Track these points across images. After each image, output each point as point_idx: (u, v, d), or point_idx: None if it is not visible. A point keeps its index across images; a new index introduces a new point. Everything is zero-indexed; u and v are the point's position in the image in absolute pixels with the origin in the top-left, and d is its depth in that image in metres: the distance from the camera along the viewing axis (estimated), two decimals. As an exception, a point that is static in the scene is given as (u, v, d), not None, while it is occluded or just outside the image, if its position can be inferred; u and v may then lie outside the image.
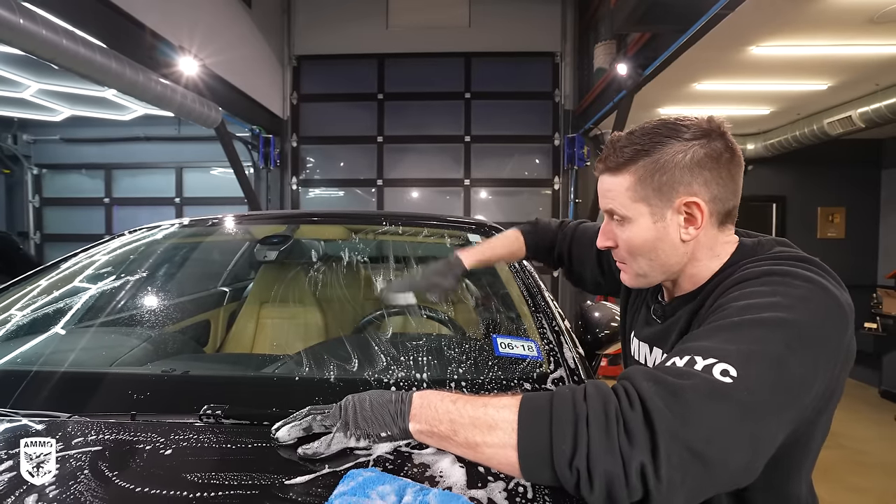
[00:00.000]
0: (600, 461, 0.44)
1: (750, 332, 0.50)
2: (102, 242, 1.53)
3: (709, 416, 0.45)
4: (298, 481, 0.52)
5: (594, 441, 0.45)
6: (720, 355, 0.48)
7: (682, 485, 0.44)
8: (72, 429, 0.63)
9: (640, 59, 3.56)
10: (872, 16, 2.64)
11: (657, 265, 0.66)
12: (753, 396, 0.46)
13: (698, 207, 0.62)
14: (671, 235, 0.64)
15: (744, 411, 0.46)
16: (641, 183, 0.63)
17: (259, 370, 0.85)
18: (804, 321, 0.51)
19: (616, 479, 0.44)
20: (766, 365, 0.48)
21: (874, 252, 5.46)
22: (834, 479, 2.80)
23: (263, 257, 1.43)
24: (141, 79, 3.16)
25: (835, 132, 4.23)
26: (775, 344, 0.49)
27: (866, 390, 4.40)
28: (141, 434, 0.62)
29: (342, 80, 5.55)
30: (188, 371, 0.81)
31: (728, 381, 0.46)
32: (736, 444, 0.46)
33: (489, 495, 0.51)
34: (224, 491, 0.50)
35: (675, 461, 0.43)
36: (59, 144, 5.75)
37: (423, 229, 1.51)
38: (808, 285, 0.54)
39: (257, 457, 0.58)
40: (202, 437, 0.61)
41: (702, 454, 0.44)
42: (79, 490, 0.50)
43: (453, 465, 0.55)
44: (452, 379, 0.78)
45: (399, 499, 0.46)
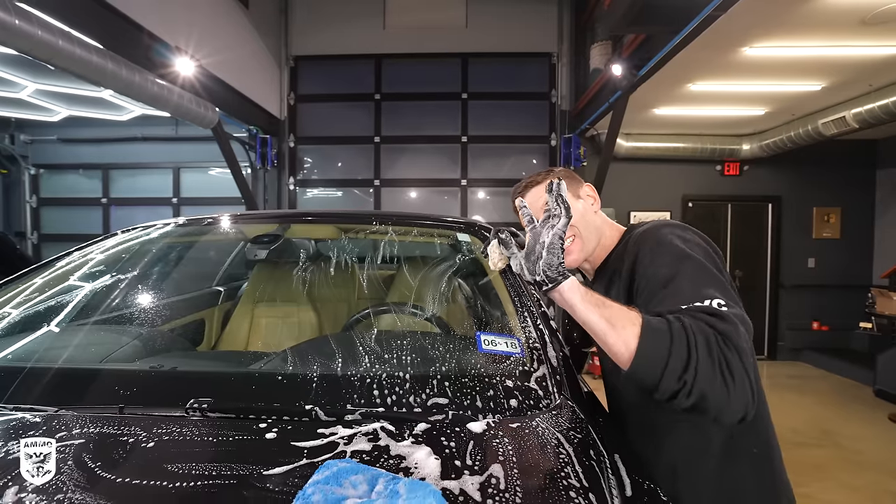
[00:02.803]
0: (702, 382, 0.61)
1: (697, 272, 0.73)
2: (95, 242, 1.54)
3: (748, 338, 0.67)
4: (277, 472, 0.53)
5: (702, 367, 0.61)
6: (708, 295, 0.69)
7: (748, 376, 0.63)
8: (58, 422, 0.64)
9: (634, 60, 3.58)
10: (864, 17, 2.66)
11: (591, 228, 0.93)
12: (735, 306, 0.69)
13: (593, 189, 1.00)
14: (589, 208, 0.96)
15: (746, 321, 0.69)
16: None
17: (245, 367, 0.87)
18: (699, 252, 0.77)
19: (710, 399, 0.61)
20: (720, 285, 0.72)
21: (869, 252, 5.48)
22: (828, 477, 2.82)
23: (254, 256, 1.44)
24: (137, 79, 3.18)
25: (829, 133, 4.25)
26: (709, 270, 0.74)
27: (861, 389, 4.42)
28: (127, 427, 0.63)
29: (339, 80, 5.56)
30: (176, 367, 0.83)
31: (732, 309, 0.68)
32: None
33: (462, 486, 0.52)
34: (204, 481, 0.52)
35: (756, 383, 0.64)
36: (57, 144, 5.76)
37: (414, 229, 1.53)
38: (679, 230, 0.83)
39: (239, 449, 0.59)
40: (186, 430, 0.63)
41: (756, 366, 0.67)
42: (62, 480, 0.51)
43: (428, 457, 0.56)
44: (436, 374, 0.79)
45: (371, 487, 0.47)
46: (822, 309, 5.45)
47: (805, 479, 2.79)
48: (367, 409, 0.69)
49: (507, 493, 0.52)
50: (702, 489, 0.77)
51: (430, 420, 0.67)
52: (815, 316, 5.47)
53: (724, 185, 5.53)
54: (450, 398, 0.74)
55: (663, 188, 5.50)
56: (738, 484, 0.78)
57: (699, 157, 5.35)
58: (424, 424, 0.66)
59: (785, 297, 5.52)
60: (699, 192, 5.53)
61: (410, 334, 0.91)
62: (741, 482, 0.78)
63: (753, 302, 5.57)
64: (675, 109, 4.47)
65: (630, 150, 5.29)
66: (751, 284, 5.57)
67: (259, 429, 0.63)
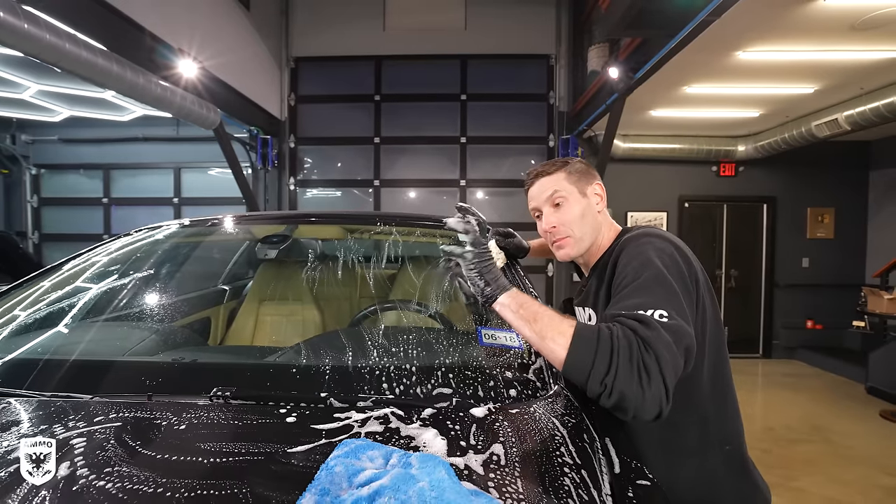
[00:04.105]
0: (621, 384, 0.67)
1: (653, 284, 0.78)
2: (107, 242, 1.59)
3: (675, 349, 0.71)
4: (300, 449, 0.59)
5: (621, 371, 0.68)
6: (654, 306, 0.74)
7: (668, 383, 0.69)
8: (94, 408, 0.70)
9: (631, 62, 3.64)
10: (854, 23, 2.72)
11: (588, 229, 0.97)
12: (679, 318, 0.74)
13: (602, 189, 1.01)
14: (592, 208, 0.98)
15: (681, 331, 0.73)
16: (570, 176, 0.98)
17: (261, 359, 0.92)
18: (668, 263, 0.81)
19: (628, 399, 0.67)
20: (672, 299, 0.76)
21: (862, 252, 5.56)
22: (820, 472, 2.88)
23: (264, 256, 1.49)
24: (141, 81, 3.23)
25: (822, 134, 4.32)
26: (667, 283, 0.78)
27: (853, 387, 4.50)
28: (157, 412, 0.69)
29: (339, 81, 5.61)
30: (196, 359, 0.88)
31: (667, 320, 0.73)
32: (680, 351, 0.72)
33: (466, 462, 0.58)
34: (235, 457, 0.57)
35: (673, 385, 0.69)
36: (58, 145, 5.80)
37: (416, 229, 1.59)
38: (658, 241, 0.86)
39: (263, 430, 0.65)
40: (212, 415, 0.68)
41: (679, 370, 0.71)
42: (105, 457, 0.57)
43: (435, 437, 0.62)
44: (440, 366, 0.85)
45: (386, 461, 0.53)
46: (816, 308, 5.53)
47: (797, 473, 2.86)
48: (378, 396, 0.75)
49: (508, 468, 0.58)
50: (680, 480, 0.83)
51: (436, 406, 0.73)
52: (809, 315, 5.55)
53: (719, 186, 5.60)
54: (453, 388, 0.80)
55: (660, 189, 5.57)
56: (713, 475, 0.84)
57: (695, 158, 5.42)
58: (431, 409, 0.71)
59: (780, 296, 5.60)
60: (695, 193, 5.60)
61: (415, 329, 0.97)
62: (715, 474, 0.84)
63: (749, 301, 5.65)
64: (671, 111, 4.53)
65: (627, 151, 5.36)
66: (746, 284, 5.65)
67: (280, 413, 0.69)
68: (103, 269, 1.41)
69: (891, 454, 3.14)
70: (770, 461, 3.01)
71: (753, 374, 5.09)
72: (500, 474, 0.56)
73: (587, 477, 0.59)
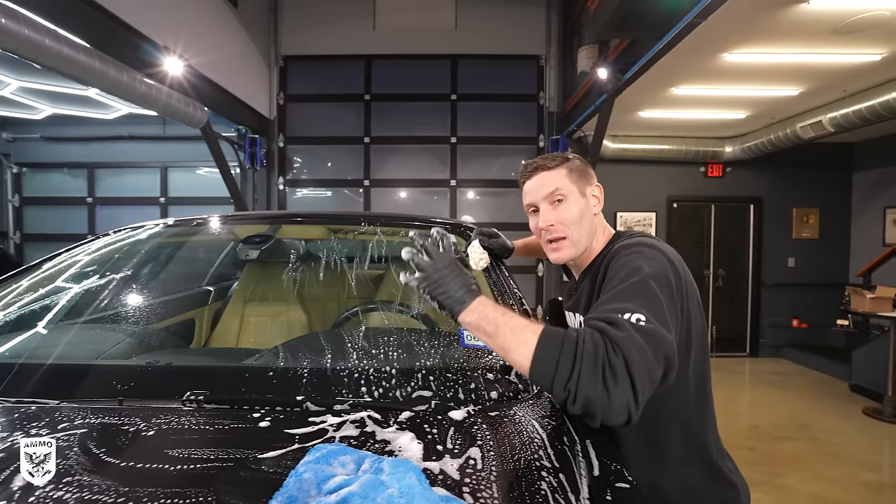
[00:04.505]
0: (584, 387, 0.64)
1: (635, 289, 0.76)
2: (86, 242, 1.56)
3: (650, 355, 0.67)
4: (271, 455, 0.58)
5: (584, 374, 0.65)
6: (630, 310, 0.71)
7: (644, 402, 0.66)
8: (60, 414, 0.68)
9: (619, 64, 3.66)
10: (836, 26, 2.76)
11: (585, 232, 0.94)
12: (658, 323, 0.71)
13: (601, 191, 0.99)
14: (590, 209, 0.96)
15: (657, 336, 0.69)
16: (571, 174, 0.95)
17: (238, 362, 0.90)
18: (656, 272, 0.78)
19: (593, 402, 0.64)
20: (653, 304, 0.73)
21: (846, 251, 5.65)
22: (804, 468, 2.92)
23: (245, 256, 1.47)
24: (125, 79, 3.17)
25: (807, 136, 4.38)
26: (651, 290, 0.75)
27: (837, 384, 4.57)
28: (127, 417, 0.67)
29: (329, 80, 5.58)
30: (171, 362, 0.86)
31: (643, 324, 0.70)
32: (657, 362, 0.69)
33: (442, 467, 0.57)
34: (203, 464, 0.56)
35: (645, 391, 0.65)
36: (41, 143, 5.69)
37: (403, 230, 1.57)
38: (649, 250, 0.83)
39: (235, 435, 0.63)
40: (183, 420, 0.67)
41: (654, 375, 0.67)
42: (68, 466, 0.55)
43: (411, 441, 0.61)
44: (420, 368, 0.84)
45: (358, 467, 0.52)
46: (801, 307, 5.61)
47: (783, 470, 2.89)
48: (355, 399, 0.74)
49: (484, 472, 0.57)
50: (661, 487, 0.83)
51: (414, 409, 0.72)
52: (794, 314, 5.63)
53: (707, 187, 5.66)
54: (434, 390, 0.79)
55: (649, 189, 5.61)
56: (693, 482, 0.84)
57: (683, 158, 5.47)
58: (408, 413, 0.70)
59: (766, 295, 5.67)
60: (684, 193, 5.65)
61: (397, 331, 0.95)
62: (695, 481, 0.84)
63: (736, 300, 5.71)
64: (659, 112, 4.57)
65: (616, 151, 5.39)
66: (734, 283, 5.71)
67: (253, 418, 0.67)
68: (80, 270, 1.38)
69: (873, 451, 3.19)
70: (756, 459, 3.04)
71: (741, 373, 5.15)
72: (476, 479, 0.55)
73: (565, 481, 0.59)
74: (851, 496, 2.61)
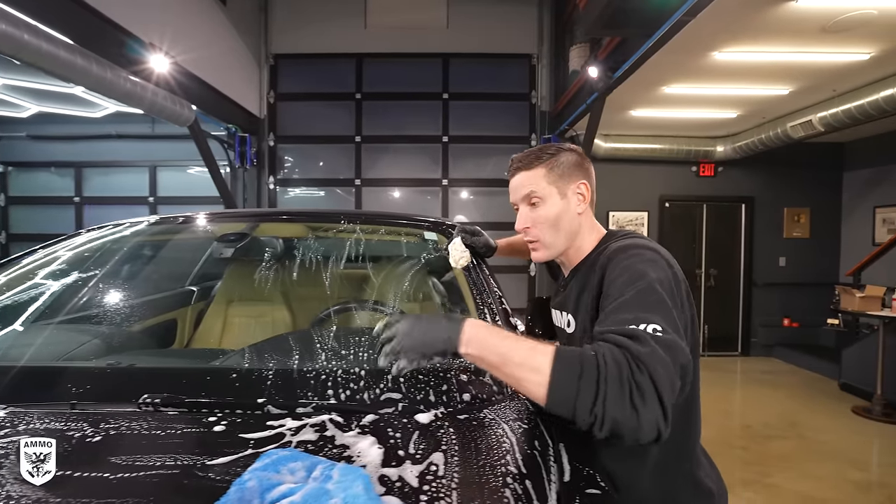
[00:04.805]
0: (612, 410, 0.61)
1: (645, 297, 0.72)
2: (59, 241, 1.52)
3: (672, 367, 0.65)
4: (220, 462, 0.55)
5: (610, 396, 0.61)
6: (646, 320, 0.68)
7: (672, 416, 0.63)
8: (4, 420, 0.64)
9: (610, 62, 3.65)
10: (824, 25, 2.76)
11: (563, 234, 0.91)
12: (673, 333, 0.68)
13: (587, 188, 0.92)
14: (571, 209, 0.91)
15: (676, 346, 0.67)
16: (551, 173, 0.90)
17: (205, 364, 0.87)
18: (661, 277, 0.75)
19: (622, 424, 0.61)
20: (665, 312, 0.70)
21: (837, 251, 5.68)
22: (792, 467, 2.92)
23: (220, 255, 1.43)
24: (109, 76, 3.12)
25: (797, 135, 4.39)
26: (660, 298, 0.72)
27: (827, 383, 4.58)
28: (75, 422, 0.64)
29: (320, 79, 5.54)
30: (134, 364, 0.83)
31: (661, 334, 0.67)
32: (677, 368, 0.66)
33: (400, 473, 0.54)
34: (145, 472, 0.53)
35: (671, 404, 0.62)
36: (27, 141, 5.61)
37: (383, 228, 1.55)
38: (649, 252, 0.80)
39: (186, 441, 0.60)
40: (136, 425, 0.64)
41: (676, 387, 0.65)
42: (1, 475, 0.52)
43: (371, 446, 0.58)
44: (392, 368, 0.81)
45: (308, 473, 0.49)
46: (792, 306, 5.63)
47: (771, 469, 2.89)
48: (319, 402, 0.71)
49: (445, 479, 0.54)
50: (639, 494, 0.80)
51: (380, 412, 0.69)
52: (786, 313, 5.65)
53: (699, 186, 5.67)
54: (404, 392, 0.76)
55: (641, 188, 5.61)
56: (671, 490, 0.81)
57: (675, 158, 5.47)
58: (373, 416, 0.67)
59: (758, 294, 5.68)
60: (676, 193, 5.66)
61: (368, 330, 0.93)
62: (674, 490, 0.81)
63: (728, 300, 5.72)
64: (651, 111, 4.57)
65: (609, 150, 5.39)
66: (725, 283, 5.72)
67: (208, 422, 0.64)
68: (53, 269, 1.34)
69: (861, 449, 3.20)
70: (747, 458, 3.04)
71: (732, 372, 5.16)
72: (436, 486, 0.53)
73: (531, 487, 0.56)
74: (839, 494, 2.61)
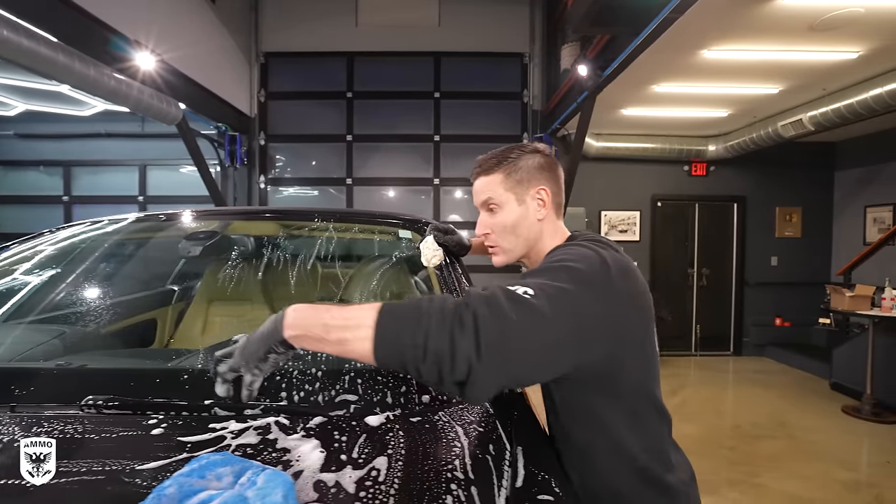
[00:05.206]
0: (433, 341, 0.57)
1: (547, 273, 0.70)
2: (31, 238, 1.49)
3: (513, 317, 0.60)
4: (150, 466, 0.52)
5: (432, 326, 0.58)
6: (525, 284, 0.66)
7: (496, 370, 0.58)
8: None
9: (599, 61, 3.63)
10: (812, 23, 2.75)
11: (521, 240, 0.89)
12: (539, 301, 0.63)
13: (546, 193, 0.89)
14: (530, 216, 0.88)
15: (539, 315, 0.62)
16: (508, 178, 0.89)
17: (161, 364, 0.85)
18: (582, 269, 0.70)
19: (440, 357, 0.57)
20: (551, 289, 0.65)
21: (828, 250, 5.69)
22: (780, 467, 2.91)
23: (188, 253, 1.41)
24: (92, 73, 3.08)
25: (788, 134, 4.39)
26: (560, 279, 0.68)
27: (818, 383, 4.58)
28: (7, 426, 0.61)
29: (311, 77, 5.50)
30: (85, 364, 0.80)
31: (525, 295, 0.63)
32: (538, 339, 0.61)
33: (338, 478, 0.52)
34: (70, 478, 0.50)
35: (491, 347, 0.58)
36: (14, 140, 5.55)
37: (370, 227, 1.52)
38: (588, 250, 0.76)
39: (119, 445, 0.58)
40: (72, 428, 0.61)
41: (507, 343, 0.59)
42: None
43: (313, 450, 0.56)
44: (350, 369, 0.78)
45: (236, 479, 0.47)
46: (784, 306, 5.64)
47: (759, 469, 2.88)
48: (268, 403, 0.68)
49: (384, 485, 0.52)
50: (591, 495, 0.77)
51: (330, 414, 0.67)
52: (778, 312, 5.66)
53: (691, 185, 5.66)
54: (360, 394, 0.74)
55: (633, 188, 5.61)
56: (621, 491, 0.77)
57: (667, 157, 5.47)
58: (321, 418, 0.65)
59: (750, 294, 5.68)
60: (668, 192, 5.65)
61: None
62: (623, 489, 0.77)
63: (720, 299, 5.72)
64: (642, 110, 4.56)
65: (600, 150, 5.38)
66: (717, 282, 5.72)
67: (148, 425, 0.62)
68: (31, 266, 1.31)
69: (850, 449, 3.20)
70: (735, 458, 3.03)
71: (724, 372, 5.16)
72: (373, 493, 0.50)
73: (476, 495, 0.54)
74: (827, 494, 2.61)
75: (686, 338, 5.67)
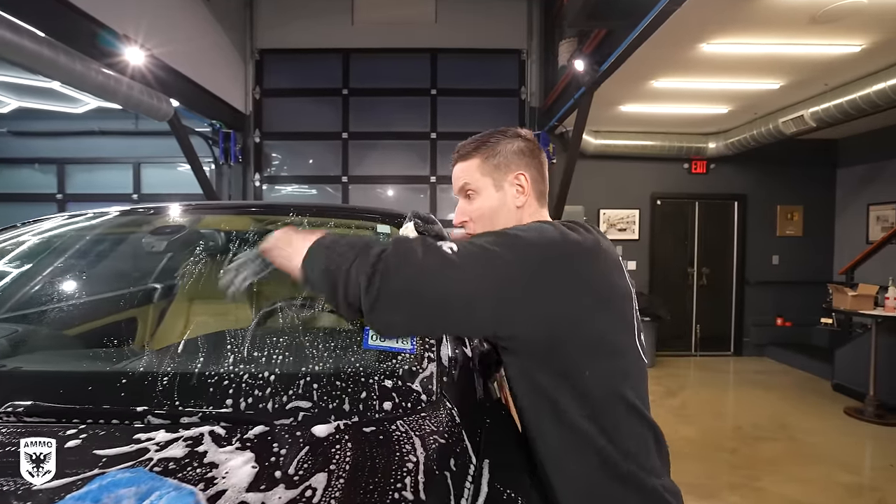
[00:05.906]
0: (339, 265, 0.65)
1: (485, 235, 0.71)
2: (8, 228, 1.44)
3: (417, 259, 0.63)
4: (50, 485, 0.46)
5: (346, 254, 0.65)
6: (455, 242, 0.68)
7: (393, 307, 0.62)
8: None
9: (596, 56, 3.56)
10: (814, 15, 2.68)
11: (500, 228, 0.80)
12: (458, 258, 0.65)
13: (525, 178, 0.85)
14: (509, 202, 0.85)
15: (448, 264, 0.64)
16: (485, 163, 0.86)
17: (99, 367, 0.79)
18: (523, 237, 0.69)
19: (338, 281, 0.64)
20: (474, 248, 0.67)
21: (830, 249, 5.60)
22: (781, 470, 2.84)
23: (152, 248, 1.35)
24: (78, 67, 3.02)
25: (789, 131, 4.31)
26: (491, 241, 0.68)
27: (820, 384, 4.50)
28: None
29: (307, 74, 5.44)
30: (20, 367, 0.74)
31: (444, 248, 0.66)
32: (439, 285, 0.63)
33: (264, 500, 0.46)
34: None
35: (385, 278, 0.62)
36: (7, 137, 5.51)
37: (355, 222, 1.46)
38: (551, 227, 0.72)
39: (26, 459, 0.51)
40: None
41: (400, 278, 0.62)
42: None
43: (245, 465, 0.50)
44: (306, 373, 0.72)
45: (140, 501, 0.41)
46: (785, 305, 5.55)
47: (760, 472, 2.81)
48: (206, 411, 0.62)
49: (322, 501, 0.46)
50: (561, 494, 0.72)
51: (274, 423, 0.60)
52: (779, 312, 5.57)
53: (691, 184, 5.58)
54: (314, 400, 0.67)
55: (633, 186, 5.53)
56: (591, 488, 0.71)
57: (667, 155, 5.39)
58: (262, 428, 0.59)
59: (750, 293, 5.60)
60: (668, 190, 5.57)
61: (290, 331, 0.84)
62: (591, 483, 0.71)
63: (720, 299, 5.64)
64: (640, 107, 4.48)
65: (599, 147, 5.30)
66: (718, 281, 5.64)
67: (65, 436, 0.55)
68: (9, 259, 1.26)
69: (852, 451, 3.12)
70: (736, 461, 2.96)
71: (725, 372, 5.08)
72: (304, 515, 0.44)
73: (425, 514, 0.48)
74: (829, 498, 2.54)
75: (686, 338, 5.59)
